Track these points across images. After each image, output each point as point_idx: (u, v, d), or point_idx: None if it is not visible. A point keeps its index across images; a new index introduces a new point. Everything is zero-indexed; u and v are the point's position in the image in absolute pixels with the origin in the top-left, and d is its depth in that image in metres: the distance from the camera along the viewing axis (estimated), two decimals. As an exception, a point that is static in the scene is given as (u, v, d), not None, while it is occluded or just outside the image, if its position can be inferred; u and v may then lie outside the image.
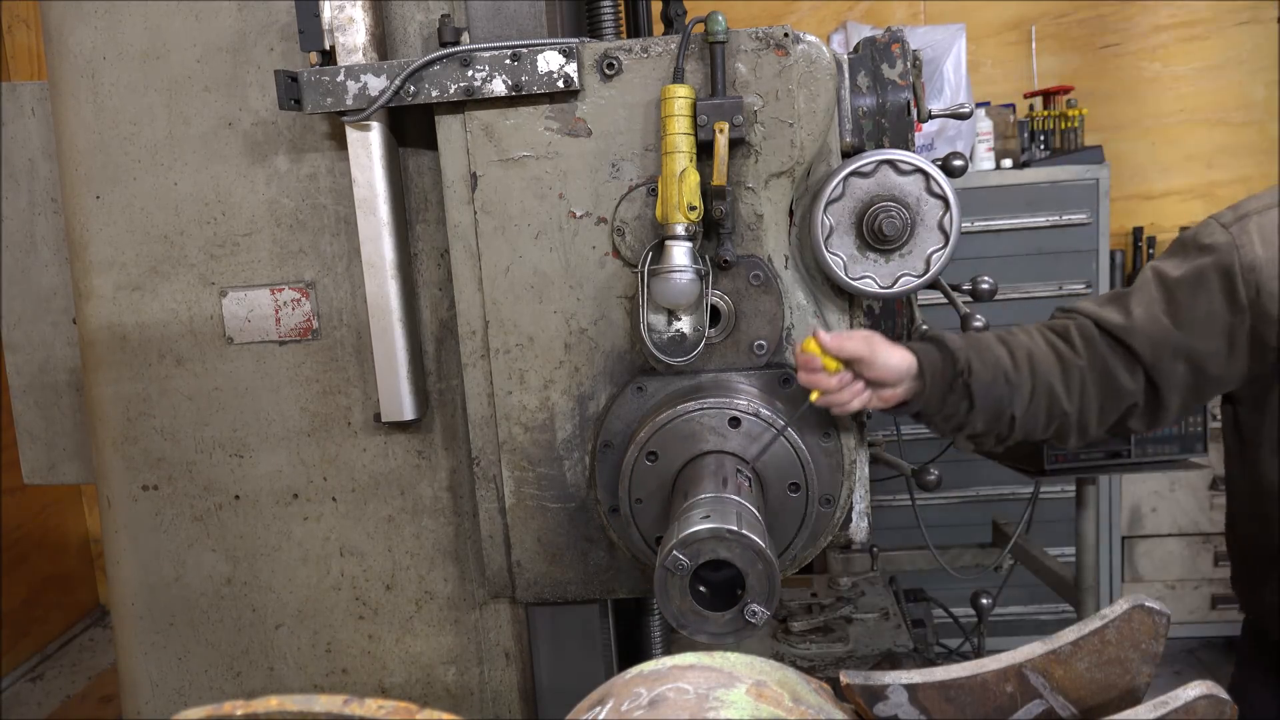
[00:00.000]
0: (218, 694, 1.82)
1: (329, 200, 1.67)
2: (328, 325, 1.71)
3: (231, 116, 1.67)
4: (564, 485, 1.62)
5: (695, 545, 1.19)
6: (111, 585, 1.86)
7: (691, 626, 1.23)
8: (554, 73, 1.48)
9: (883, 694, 0.75)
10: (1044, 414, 1.62)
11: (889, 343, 1.49)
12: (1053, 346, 1.63)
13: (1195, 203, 4.22)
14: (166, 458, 1.77)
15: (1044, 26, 4.20)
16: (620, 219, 1.54)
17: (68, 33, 1.69)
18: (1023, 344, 1.61)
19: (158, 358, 1.75)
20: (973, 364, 1.54)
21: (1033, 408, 1.60)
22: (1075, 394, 1.64)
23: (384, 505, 1.74)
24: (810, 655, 2.18)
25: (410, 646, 1.78)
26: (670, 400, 1.51)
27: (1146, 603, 0.75)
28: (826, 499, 1.54)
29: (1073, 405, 1.63)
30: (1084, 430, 1.66)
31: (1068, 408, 1.62)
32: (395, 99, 1.50)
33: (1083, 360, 1.64)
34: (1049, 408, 1.61)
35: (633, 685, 0.70)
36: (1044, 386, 1.61)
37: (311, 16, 1.53)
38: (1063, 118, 3.84)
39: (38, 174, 1.86)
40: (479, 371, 1.61)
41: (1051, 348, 1.63)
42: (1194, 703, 0.67)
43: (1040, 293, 3.69)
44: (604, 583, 1.65)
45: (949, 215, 1.49)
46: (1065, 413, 1.62)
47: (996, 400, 1.56)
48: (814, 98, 1.49)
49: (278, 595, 1.78)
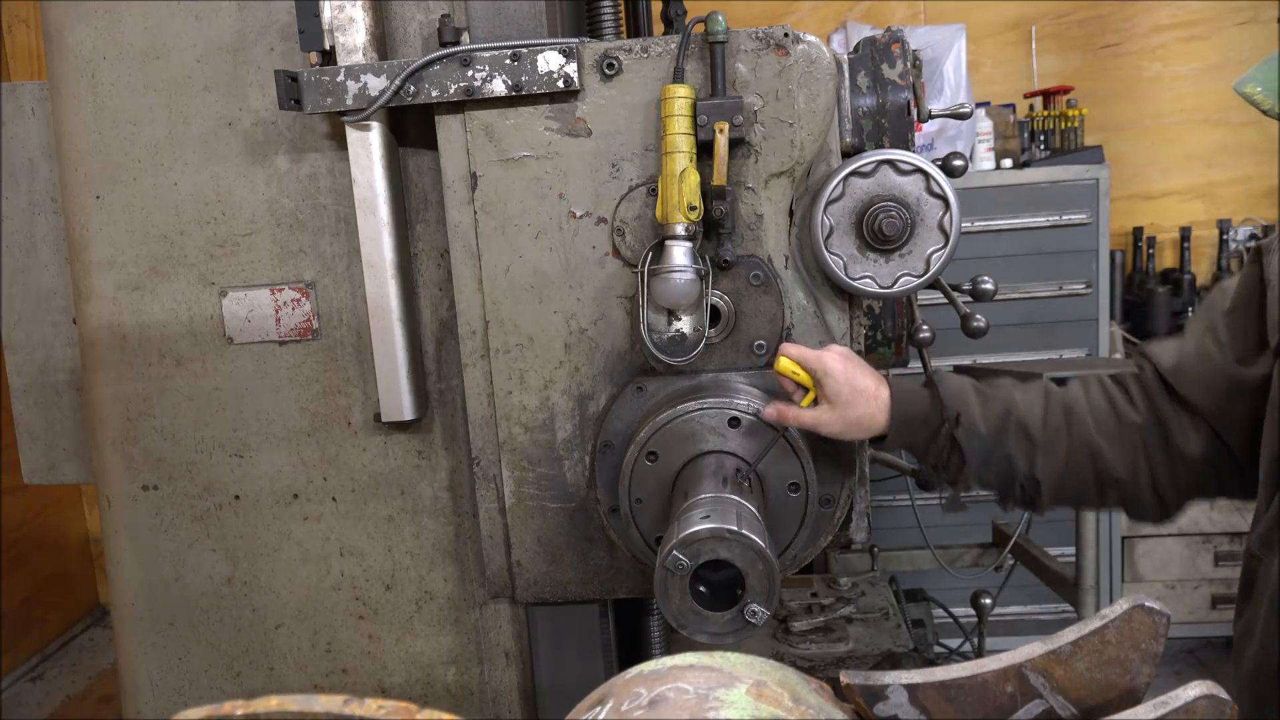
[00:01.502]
0: (218, 694, 1.82)
1: (329, 200, 1.67)
2: (328, 325, 1.71)
3: (231, 116, 1.67)
4: (564, 485, 1.62)
5: (695, 545, 1.19)
6: (111, 585, 1.86)
7: (691, 626, 1.23)
8: (554, 73, 1.48)
9: (883, 694, 0.75)
10: (1091, 480, 1.41)
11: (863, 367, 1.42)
12: (1108, 398, 1.42)
13: (1195, 203, 4.22)
14: (166, 458, 1.77)
15: (1044, 26, 4.20)
16: (620, 219, 1.54)
17: (68, 33, 1.69)
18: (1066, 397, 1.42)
19: (158, 358, 1.75)
20: (964, 415, 1.39)
21: (1070, 472, 1.41)
22: (1128, 457, 1.41)
23: (384, 505, 1.74)
24: (810, 655, 2.18)
25: (410, 646, 1.78)
26: (670, 400, 1.51)
27: (1146, 603, 0.75)
28: (826, 499, 1.54)
29: (1125, 470, 1.41)
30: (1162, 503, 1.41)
31: (1120, 473, 1.40)
32: (395, 99, 1.50)
33: (1140, 417, 1.41)
34: (1096, 473, 1.41)
35: (633, 685, 0.70)
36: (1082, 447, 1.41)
37: (311, 16, 1.53)
38: (1063, 118, 3.84)
39: (38, 174, 1.86)
40: (479, 371, 1.61)
41: (1107, 399, 1.42)
42: (1194, 703, 0.67)
43: (1040, 293, 3.69)
44: (604, 583, 1.65)
45: (949, 215, 1.49)
46: (1119, 480, 1.41)
47: (999, 460, 1.41)
48: (814, 98, 1.49)
49: (278, 595, 1.78)
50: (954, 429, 1.39)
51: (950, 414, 1.39)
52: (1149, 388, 1.41)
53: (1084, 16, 4.18)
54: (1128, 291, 4.06)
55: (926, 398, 1.42)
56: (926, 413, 1.41)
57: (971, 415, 1.40)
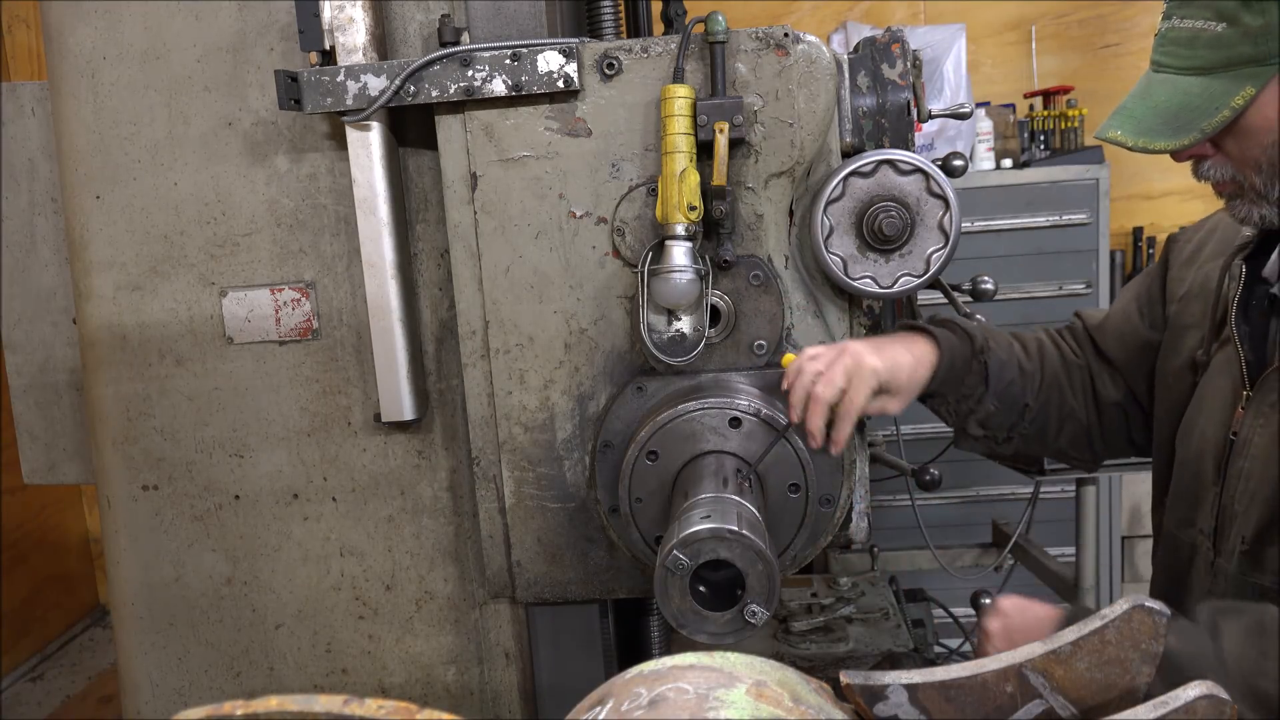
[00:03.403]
0: (218, 694, 1.82)
1: (329, 200, 1.67)
2: (328, 325, 1.71)
3: (231, 116, 1.67)
4: (564, 485, 1.62)
5: (695, 545, 1.19)
6: (111, 585, 1.86)
7: (691, 626, 1.23)
8: (554, 73, 1.48)
9: (883, 694, 0.75)
10: (1055, 410, 1.62)
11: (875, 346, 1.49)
12: (1056, 344, 1.66)
13: (1195, 203, 4.22)
14: (166, 458, 1.77)
15: (1044, 26, 4.20)
16: (620, 219, 1.54)
17: (68, 33, 1.69)
18: (1033, 337, 1.65)
19: (158, 358, 1.75)
20: (989, 342, 1.57)
21: (1041, 399, 1.61)
22: (1079, 392, 1.65)
23: (384, 505, 1.74)
24: (810, 655, 2.18)
25: (410, 646, 1.78)
26: (670, 400, 1.51)
27: (1146, 603, 0.75)
28: (826, 499, 1.54)
29: (1078, 403, 1.64)
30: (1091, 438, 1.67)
31: (1073, 403, 1.63)
32: (395, 99, 1.50)
33: (1081, 360, 1.66)
34: (1060, 403, 1.62)
35: (633, 685, 0.70)
36: (1052, 378, 1.62)
37: (311, 16, 1.53)
38: (1063, 118, 3.84)
39: (38, 174, 1.86)
40: (479, 371, 1.61)
41: (1055, 345, 1.65)
42: (1194, 703, 0.67)
43: (1040, 293, 3.69)
44: (604, 583, 1.65)
45: (949, 215, 1.49)
46: (1073, 409, 1.63)
47: (1009, 384, 1.57)
48: (814, 98, 1.49)
49: (278, 595, 1.78)
50: (985, 356, 1.55)
51: (979, 341, 1.56)
52: (1079, 339, 1.68)
53: (1084, 16, 4.18)
54: (1127, 291, 4.06)
55: (953, 330, 1.57)
56: (959, 345, 1.56)
57: (991, 345, 1.57)
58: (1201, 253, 1.59)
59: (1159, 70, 1.35)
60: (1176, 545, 1.52)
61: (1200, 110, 1.29)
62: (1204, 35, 1.28)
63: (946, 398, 1.57)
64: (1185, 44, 1.30)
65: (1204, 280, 1.55)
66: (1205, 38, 1.28)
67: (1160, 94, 1.34)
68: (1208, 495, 1.45)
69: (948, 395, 1.57)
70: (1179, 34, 1.31)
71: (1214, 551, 1.44)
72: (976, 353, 1.56)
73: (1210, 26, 1.27)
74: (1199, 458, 1.47)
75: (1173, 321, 1.57)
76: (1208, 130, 1.29)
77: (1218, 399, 1.45)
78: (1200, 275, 1.56)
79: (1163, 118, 1.32)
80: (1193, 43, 1.29)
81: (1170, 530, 1.54)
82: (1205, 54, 1.28)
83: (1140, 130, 1.34)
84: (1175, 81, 1.32)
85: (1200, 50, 1.29)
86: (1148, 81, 1.37)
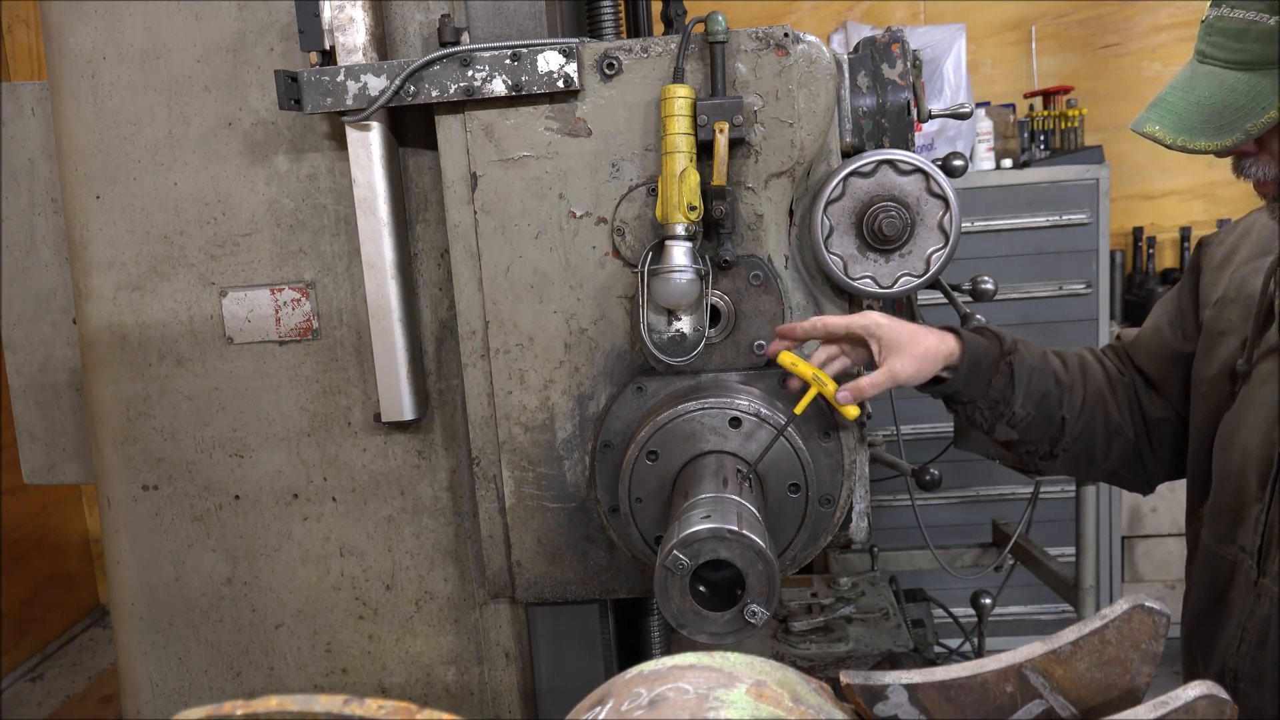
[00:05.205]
0: (218, 694, 1.82)
1: (329, 200, 1.67)
2: (328, 325, 1.71)
3: (231, 116, 1.67)
4: (564, 485, 1.62)
5: (695, 545, 1.19)
6: (111, 585, 1.86)
7: (691, 626, 1.23)
8: (554, 73, 1.48)
9: (883, 694, 0.75)
10: (1101, 426, 1.56)
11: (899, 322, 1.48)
12: (1099, 360, 1.62)
13: (1195, 203, 4.22)
14: (166, 458, 1.77)
15: (1044, 26, 4.20)
16: (620, 219, 1.54)
17: (68, 33, 1.69)
18: (1074, 353, 1.61)
19: (158, 358, 1.75)
20: (1019, 346, 1.53)
21: (1085, 415, 1.55)
22: (1125, 408, 1.59)
23: (384, 505, 1.74)
24: (810, 655, 2.18)
25: (410, 646, 1.78)
26: (670, 400, 1.51)
27: (1146, 603, 0.75)
28: (826, 499, 1.54)
29: (1125, 419, 1.58)
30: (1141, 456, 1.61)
31: (1119, 419, 1.58)
32: (395, 99, 1.50)
33: (1126, 376, 1.61)
34: (1105, 419, 1.56)
35: (633, 685, 0.70)
36: (1095, 393, 1.56)
37: (311, 16, 1.53)
38: (1063, 118, 3.84)
39: (38, 174, 1.86)
40: (479, 371, 1.61)
41: (1098, 360, 1.62)
42: (1194, 703, 0.67)
43: (1040, 293, 3.69)
44: (604, 583, 1.65)
45: (949, 215, 1.49)
46: (1119, 426, 1.57)
47: (1045, 395, 1.53)
48: (814, 98, 1.49)
49: (278, 595, 1.78)
50: (1013, 357, 1.51)
51: (1008, 344, 1.52)
52: (1122, 356, 1.64)
53: (1084, 16, 4.18)
54: (1128, 291, 4.06)
55: (981, 333, 1.54)
56: (986, 344, 1.52)
57: (1021, 349, 1.53)
58: (1235, 256, 1.53)
59: (1204, 61, 1.28)
60: (1216, 562, 1.46)
61: (1245, 109, 1.23)
62: (1255, 28, 1.21)
63: (976, 402, 1.52)
64: (1234, 36, 1.24)
65: (1240, 284, 1.48)
66: (1256, 31, 1.21)
67: (1204, 88, 1.27)
68: (1250, 512, 1.39)
69: (976, 400, 1.51)
70: (1228, 24, 1.24)
71: (1257, 571, 1.38)
72: (1005, 354, 1.51)
73: (1263, 19, 1.20)
74: (1241, 472, 1.40)
75: (1207, 327, 1.51)
76: (1252, 131, 1.24)
77: (1261, 411, 1.38)
78: (1236, 279, 1.50)
79: (1205, 114, 1.26)
80: (1242, 36, 1.23)
81: (1209, 545, 1.48)
82: (1256, 48, 1.22)
83: (1180, 127, 1.28)
84: (1221, 76, 1.26)
85: (1250, 44, 1.22)
86: (1191, 72, 1.30)
